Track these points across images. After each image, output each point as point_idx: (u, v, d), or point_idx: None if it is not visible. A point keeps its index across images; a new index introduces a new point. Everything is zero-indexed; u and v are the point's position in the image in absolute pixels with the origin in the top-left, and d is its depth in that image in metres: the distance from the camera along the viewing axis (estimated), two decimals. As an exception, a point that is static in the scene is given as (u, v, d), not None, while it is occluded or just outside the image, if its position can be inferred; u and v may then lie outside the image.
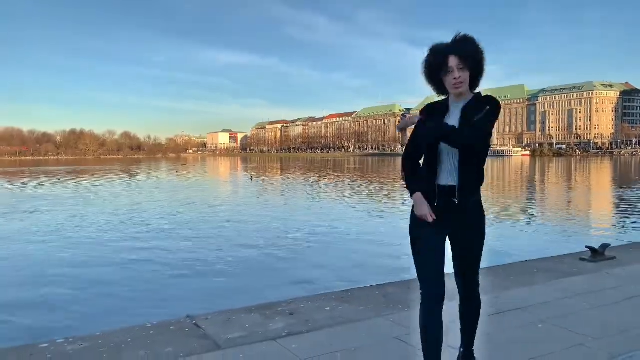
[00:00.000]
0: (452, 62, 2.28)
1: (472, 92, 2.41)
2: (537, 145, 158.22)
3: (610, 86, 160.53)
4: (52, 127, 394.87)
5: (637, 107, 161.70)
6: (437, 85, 2.41)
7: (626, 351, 3.09)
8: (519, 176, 40.75)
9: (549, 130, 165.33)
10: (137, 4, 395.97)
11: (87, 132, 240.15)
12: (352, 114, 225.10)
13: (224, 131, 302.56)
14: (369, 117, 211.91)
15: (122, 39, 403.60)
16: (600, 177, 38.88)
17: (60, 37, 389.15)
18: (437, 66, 2.33)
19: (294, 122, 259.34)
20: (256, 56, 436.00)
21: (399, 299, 4.31)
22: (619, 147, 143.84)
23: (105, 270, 7.91)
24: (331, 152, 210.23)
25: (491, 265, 5.80)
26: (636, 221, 13.49)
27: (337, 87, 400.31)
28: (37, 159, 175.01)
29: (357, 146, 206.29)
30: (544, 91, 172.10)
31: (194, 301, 6.02)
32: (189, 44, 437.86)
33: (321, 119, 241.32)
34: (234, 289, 6.75)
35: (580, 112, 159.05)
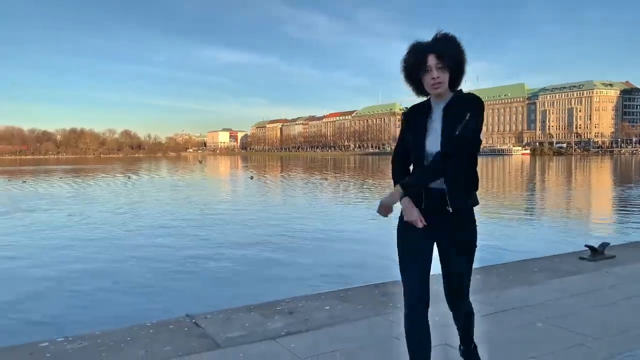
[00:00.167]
0: (431, 61, 2.19)
1: (452, 91, 2.32)
2: (537, 144, 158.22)
3: (610, 85, 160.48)
4: (52, 126, 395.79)
5: (637, 106, 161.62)
6: (416, 84, 2.32)
7: (626, 350, 3.09)
8: (518, 175, 40.73)
9: (549, 129, 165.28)
10: (137, 3, 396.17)
11: (87, 130, 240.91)
12: (352, 112, 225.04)
13: (224, 130, 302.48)
14: (369, 116, 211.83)
15: (122, 37, 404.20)
16: (600, 176, 38.86)
17: (60, 36, 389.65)
18: (415, 65, 2.24)
19: (294, 121, 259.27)
20: (256, 55, 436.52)
21: (399, 298, 4.29)
22: (619, 146, 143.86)
23: (104, 269, 7.91)
24: (331, 151, 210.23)
25: (490, 264, 5.80)
26: (636, 220, 13.49)
27: (337, 86, 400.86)
28: (37, 157, 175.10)
29: (357, 145, 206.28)
30: (544, 90, 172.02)
31: (193, 300, 6.02)
32: (189, 42, 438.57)
33: (321, 118, 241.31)
34: (234, 288, 6.75)
35: (580, 111, 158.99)
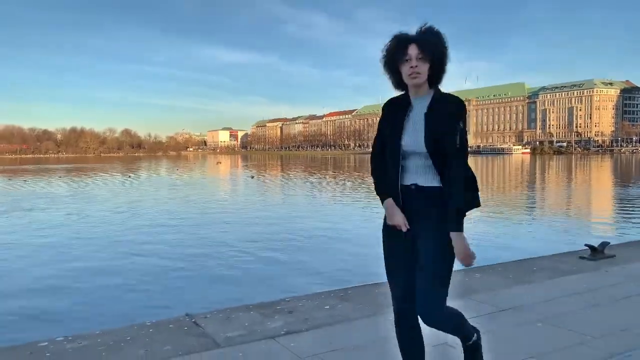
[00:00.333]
0: (412, 50, 2.15)
1: (432, 88, 2.25)
2: (538, 143, 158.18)
3: (610, 84, 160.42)
4: (52, 125, 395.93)
5: (638, 105, 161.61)
6: (395, 75, 2.26)
7: (625, 350, 3.09)
8: (519, 174, 40.72)
9: (550, 128, 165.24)
10: (137, 2, 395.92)
11: (87, 130, 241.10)
12: (352, 112, 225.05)
13: (224, 129, 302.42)
14: (369, 115, 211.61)
15: (122, 37, 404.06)
16: (600, 175, 38.84)
17: (60, 36, 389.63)
18: (396, 54, 2.20)
19: (294, 120, 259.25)
20: (256, 54, 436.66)
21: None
22: (619, 145, 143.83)
23: (104, 268, 7.90)
24: (331, 150, 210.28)
25: (490, 263, 5.80)
26: (636, 220, 13.48)
27: (337, 85, 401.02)
28: (38, 157, 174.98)
29: (357, 144, 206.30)
30: (544, 89, 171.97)
31: (193, 299, 6.02)
32: (189, 42, 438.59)
33: (321, 117, 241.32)
34: (233, 287, 6.75)
35: (580, 110, 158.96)
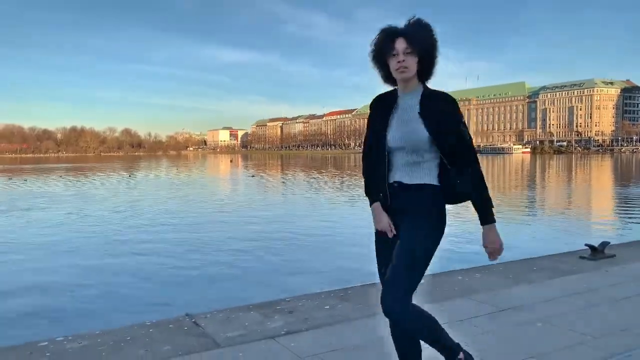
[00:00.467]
0: (399, 44, 2.12)
1: (422, 84, 2.22)
2: (538, 142, 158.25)
3: (611, 83, 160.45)
4: (52, 125, 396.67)
5: (638, 105, 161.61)
6: (383, 69, 2.24)
7: (626, 350, 3.09)
8: (519, 173, 40.72)
9: (550, 127, 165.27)
10: (137, 2, 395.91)
11: (87, 129, 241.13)
12: (353, 111, 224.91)
13: (225, 128, 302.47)
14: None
15: (122, 36, 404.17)
16: (600, 175, 38.84)
17: (60, 35, 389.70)
18: (384, 47, 2.17)
19: (294, 119, 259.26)
20: (257, 53, 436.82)
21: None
22: (620, 145, 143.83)
23: (103, 268, 7.90)
24: (331, 149, 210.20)
25: (490, 263, 5.80)
26: (636, 219, 13.48)
27: (338, 85, 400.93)
28: (38, 156, 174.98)
29: (357, 143, 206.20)
30: (544, 88, 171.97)
31: (193, 299, 6.01)
32: (189, 41, 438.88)
33: (322, 117, 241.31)
34: (233, 287, 6.75)
35: (580, 109, 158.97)
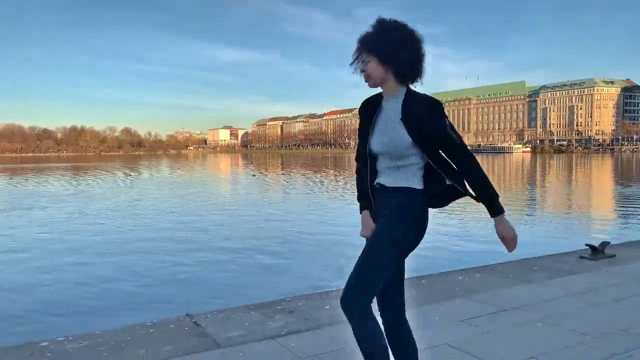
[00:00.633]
0: (357, 51, 2.05)
1: (405, 87, 2.08)
2: (538, 142, 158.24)
3: (611, 83, 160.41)
4: (52, 124, 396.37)
5: (638, 104, 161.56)
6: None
7: (626, 350, 3.09)
8: (519, 173, 40.71)
9: (550, 126, 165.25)
10: (138, 0, 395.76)
11: (87, 128, 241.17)
12: (353, 110, 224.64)
13: (225, 128, 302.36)
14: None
15: (122, 35, 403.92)
16: (600, 174, 38.82)
17: (60, 34, 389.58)
18: (353, 57, 2.08)
19: (294, 118, 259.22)
20: (257, 53, 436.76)
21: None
22: (620, 144, 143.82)
23: (103, 268, 7.90)
24: (332, 148, 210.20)
25: (490, 263, 5.80)
26: (637, 219, 13.48)
27: (338, 84, 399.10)
28: (38, 155, 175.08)
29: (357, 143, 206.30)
30: (545, 87, 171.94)
31: (193, 299, 6.01)
32: (189, 40, 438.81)
33: (322, 116, 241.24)
34: (234, 287, 6.75)
35: (581, 108, 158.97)
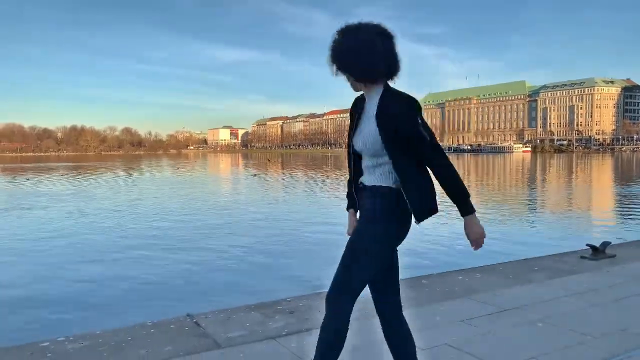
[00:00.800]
0: (330, 63, 2.11)
1: (383, 85, 2.10)
2: (538, 141, 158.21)
3: (611, 82, 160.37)
4: (52, 123, 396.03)
5: (639, 104, 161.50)
6: None
7: (626, 350, 3.09)
8: (519, 173, 40.71)
9: (550, 126, 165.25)
10: (138, 0, 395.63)
11: (87, 128, 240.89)
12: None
13: (225, 127, 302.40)
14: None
15: (122, 35, 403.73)
16: (601, 174, 38.81)
17: (60, 34, 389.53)
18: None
19: (294, 118, 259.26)
20: (257, 52, 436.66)
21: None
22: (620, 144, 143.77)
23: (104, 268, 7.89)
24: (332, 148, 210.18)
25: (491, 263, 5.80)
26: (637, 219, 13.47)
27: (338, 83, 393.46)
28: (38, 155, 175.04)
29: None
30: (545, 87, 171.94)
31: (194, 299, 6.01)
32: (189, 40, 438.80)
33: (322, 115, 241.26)
34: (234, 287, 6.75)
35: (581, 108, 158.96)
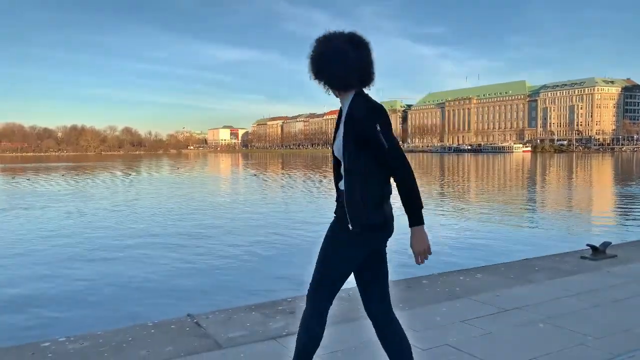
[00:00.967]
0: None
1: (355, 91, 2.21)
2: (538, 141, 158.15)
3: (611, 82, 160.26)
4: (53, 123, 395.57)
5: (639, 103, 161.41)
6: None
7: (627, 350, 3.09)
8: (519, 172, 40.70)
9: (550, 126, 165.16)
10: (137, 0, 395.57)
11: (88, 128, 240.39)
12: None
13: (225, 127, 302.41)
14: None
15: (122, 35, 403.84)
16: (601, 174, 38.81)
17: (61, 33, 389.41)
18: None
19: (294, 118, 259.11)
20: (257, 52, 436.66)
21: (400, 298, 4.31)
22: (620, 143, 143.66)
23: (104, 268, 7.90)
24: (332, 148, 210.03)
25: (492, 263, 5.81)
26: (638, 219, 13.46)
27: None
28: (38, 155, 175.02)
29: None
30: (545, 87, 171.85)
31: (194, 300, 6.02)
32: (190, 39, 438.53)
33: (322, 115, 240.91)
34: (235, 288, 6.75)
35: (581, 108, 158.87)
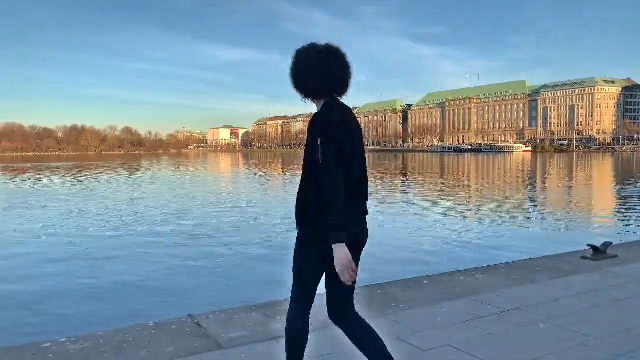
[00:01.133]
0: None
1: (327, 99, 2.31)
2: (539, 141, 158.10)
3: (612, 82, 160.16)
4: (53, 123, 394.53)
5: (639, 103, 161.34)
6: None
7: (628, 350, 3.09)
8: (520, 172, 40.69)
9: (551, 126, 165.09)
10: (137, 0, 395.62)
11: (88, 127, 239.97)
12: (353, 109, 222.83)
13: (225, 127, 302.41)
14: (370, 113, 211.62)
15: (122, 34, 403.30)
16: (602, 174, 38.80)
17: (61, 33, 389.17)
18: None
19: (295, 118, 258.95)
20: (257, 52, 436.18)
21: (400, 298, 4.31)
22: (621, 143, 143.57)
23: (105, 268, 7.90)
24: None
25: (492, 263, 5.80)
26: (639, 219, 13.46)
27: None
28: (39, 154, 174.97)
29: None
30: (545, 87, 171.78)
31: (195, 300, 6.01)
32: (190, 39, 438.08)
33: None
34: (235, 288, 6.75)
35: (581, 108, 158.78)
